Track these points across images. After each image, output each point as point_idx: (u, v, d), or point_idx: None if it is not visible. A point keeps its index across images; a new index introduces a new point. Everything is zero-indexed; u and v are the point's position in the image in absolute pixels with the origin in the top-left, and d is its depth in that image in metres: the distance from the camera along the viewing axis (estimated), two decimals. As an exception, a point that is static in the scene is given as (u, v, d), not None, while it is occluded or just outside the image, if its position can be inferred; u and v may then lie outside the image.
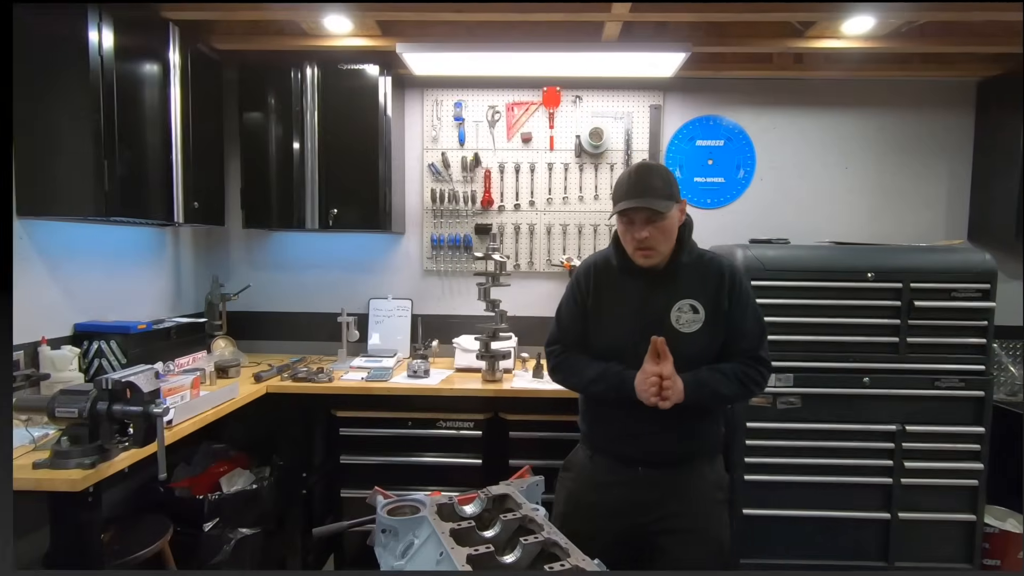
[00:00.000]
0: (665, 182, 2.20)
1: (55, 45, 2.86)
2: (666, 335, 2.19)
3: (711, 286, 2.29)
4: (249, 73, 3.98)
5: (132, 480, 3.28)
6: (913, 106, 4.29)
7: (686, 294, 2.28)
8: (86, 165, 2.88)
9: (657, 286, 2.30)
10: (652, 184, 2.18)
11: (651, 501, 2.30)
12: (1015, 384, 4.09)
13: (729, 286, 2.29)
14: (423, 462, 3.65)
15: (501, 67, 3.90)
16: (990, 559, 3.63)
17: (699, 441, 2.34)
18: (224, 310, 4.20)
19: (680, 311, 2.27)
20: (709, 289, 2.29)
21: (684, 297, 2.27)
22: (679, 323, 2.27)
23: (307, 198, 3.94)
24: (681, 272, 2.30)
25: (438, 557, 1.41)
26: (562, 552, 1.41)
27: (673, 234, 2.25)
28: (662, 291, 2.30)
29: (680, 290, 2.29)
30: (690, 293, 2.28)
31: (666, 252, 2.26)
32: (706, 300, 2.28)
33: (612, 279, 2.38)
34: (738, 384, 2.26)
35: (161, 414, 2.33)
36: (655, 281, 2.31)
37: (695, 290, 2.29)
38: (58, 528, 2.43)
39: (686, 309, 2.27)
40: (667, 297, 2.28)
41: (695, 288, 2.29)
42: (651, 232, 2.17)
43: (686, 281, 2.30)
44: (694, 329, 2.27)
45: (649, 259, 2.24)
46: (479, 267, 3.86)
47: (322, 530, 1.75)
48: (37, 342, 2.99)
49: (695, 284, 2.30)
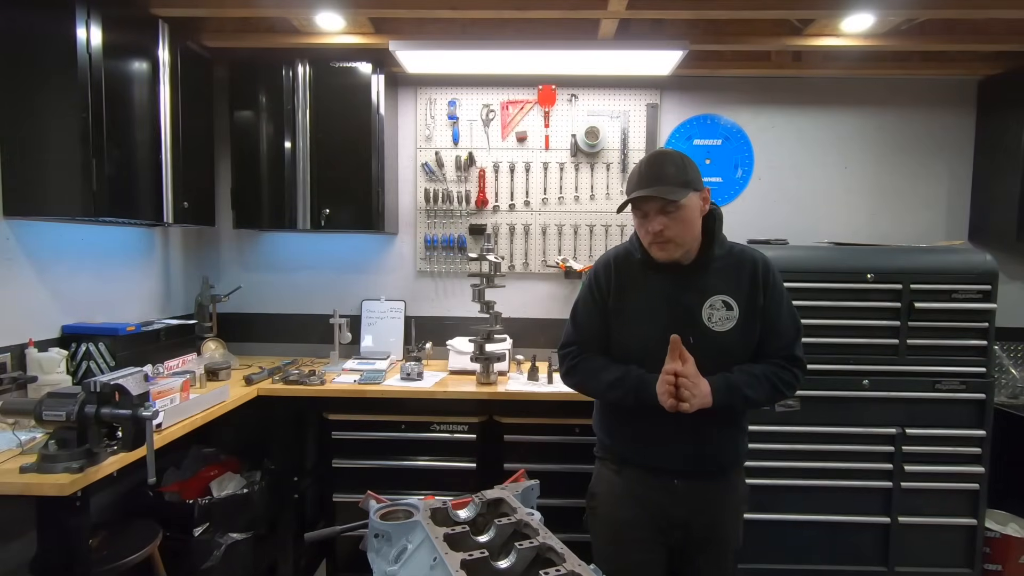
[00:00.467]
0: (680, 169, 2.06)
1: (42, 42, 2.82)
2: (698, 335, 2.10)
3: (745, 281, 2.17)
4: (240, 71, 3.95)
5: (121, 484, 3.25)
6: (913, 105, 4.27)
7: (719, 290, 2.15)
8: (74, 165, 2.85)
9: (687, 281, 2.16)
10: (664, 172, 2.05)
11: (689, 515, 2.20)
12: (1016, 386, 4.06)
13: (763, 280, 2.17)
14: (416, 466, 3.61)
15: (496, 65, 3.85)
16: (991, 564, 3.60)
17: (733, 450, 2.24)
18: (214, 312, 4.15)
19: (713, 308, 2.14)
20: (743, 284, 2.16)
21: (717, 293, 2.14)
22: (712, 321, 2.13)
23: (299, 198, 3.89)
24: (712, 266, 2.16)
25: (432, 562, 1.38)
26: (557, 557, 1.37)
27: (694, 224, 2.11)
28: (692, 287, 2.16)
29: (712, 285, 2.15)
30: (723, 289, 2.15)
31: (688, 244, 2.12)
32: (740, 296, 2.15)
33: (636, 274, 2.23)
34: (770, 387, 2.14)
35: (150, 417, 2.30)
36: (684, 276, 2.17)
37: (728, 285, 2.16)
38: (45, 533, 2.42)
39: (719, 306, 2.14)
40: (698, 293, 2.15)
41: (728, 283, 2.16)
42: (666, 223, 2.05)
43: (718, 276, 2.16)
44: (728, 327, 2.14)
45: (666, 252, 2.11)
46: (473, 268, 3.84)
47: (314, 535, 1.71)
48: (24, 344, 2.95)
49: (728, 279, 2.17)
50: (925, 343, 3.42)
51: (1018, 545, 3.57)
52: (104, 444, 2.36)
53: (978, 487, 3.45)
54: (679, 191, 2.03)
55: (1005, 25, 3.58)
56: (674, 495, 2.19)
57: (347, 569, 3.76)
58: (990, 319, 3.40)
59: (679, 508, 2.19)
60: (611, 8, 3.16)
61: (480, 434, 3.59)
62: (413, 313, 4.42)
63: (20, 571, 2.78)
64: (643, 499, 2.22)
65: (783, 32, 3.65)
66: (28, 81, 2.82)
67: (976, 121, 4.26)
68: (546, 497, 1.69)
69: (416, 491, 3.38)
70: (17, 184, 2.87)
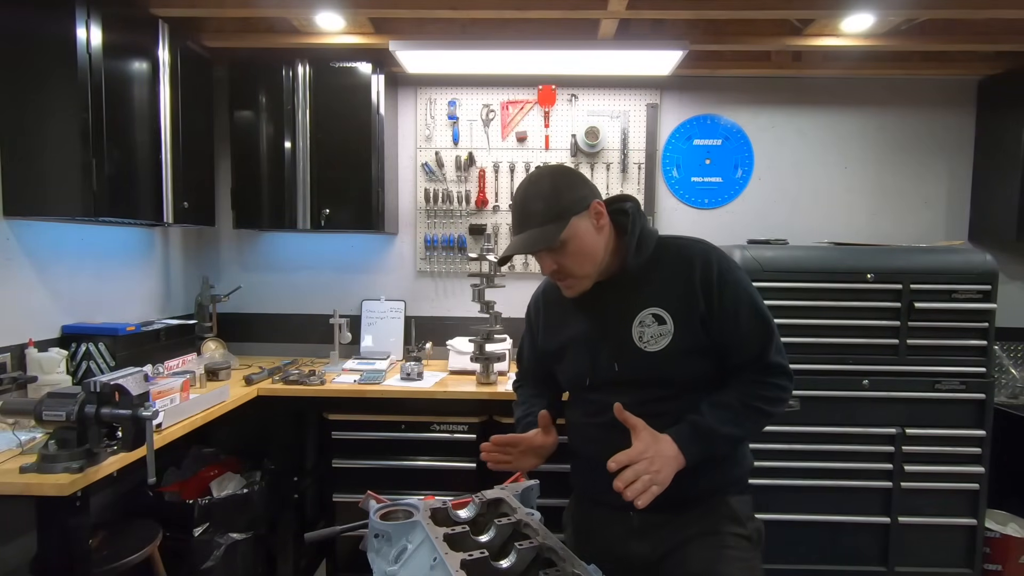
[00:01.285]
0: (549, 200, 1.76)
1: (42, 42, 2.82)
2: (631, 359, 1.82)
3: (679, 285, 1.81)
4: (240, 71, 3.94)
5: (121, 484, 3.24)
6: (913, 105, 4.27)
7: (648, 302, 1.82)
8: (74, 164, 2.84)
9: (612, 299, 1.87)
10: (530, 212, 1.77)
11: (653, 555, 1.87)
12: (1016, 386, 4.06)
13: (704, 280, 1.80)
14: (416, 466, 3.61)
15: (496, 65, 3.85)
16: (991, 564, 3.60)
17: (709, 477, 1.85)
18: (214, 312, 4.15)
19: (643, 325, 1.81)
20: (677, 289, 1.81)
21: (646, 306, 1.82)
22: (643, 341, 1.81)
23: (299, 198, 3.89)
24: (641, 276, 1.85)
25: (432, 562, 1.37)
26: (558, 557, 1.37)
27: (590, 251, 1.81)
28: (619, 304, 1.86)
29: (641, 298, 1.83)
30: (653, 300, 1.82)
31: (593, 272, 1.84)
32: (673, 305, 1.81)
33: (563, 303, 1.98)
34: (754, 413, 1.80)
35: (150, 417, 2.29)
36: (609, 293, 1.88)
37: (659, 295, 1.82)
38: (45, 533, 2.42)
39: (649, 321, 1.81)
40: (626, 310, 1.84)
41: (659, 292, 1.82)
42: (557, 261, 1.81)
43: (648, 285, 1.84)
44: (663, 345, 1.79)
45: (574, 289, 1.87)
46: (473, 268, 3.84)
47: (314, 535, 1.70)
48: (24, 344, 2.95)
49: (658, 287, 1.83)
50: (925, 343, 3.41)
51: (1018, 545, 3.57)
52: (104, 444, 2.35)
53: (978, 487, 3.45)
54: (551, 228, 1.74)
55: (1005, 25, 3.57)
56: (631, 530, 1.89)
57: (347, 569, 3.75)
58: (990, 319, 3.39)
59: (642, 545, 1.88)
60: (611, 8, 3.16)
61: (480, 434, 3.58)
62: (413, 313, 4.41)
63: (20, 571, 2.78)
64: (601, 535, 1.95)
65: (783, 32, 3.65)
66: (28, 81, 2.82)
67: (976, 121, 4.26)
68: (546, 497, 1.68)
69: (416, 491, 3.38)
70: (17, 184, 2.87)
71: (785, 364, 1.85)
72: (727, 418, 1.77)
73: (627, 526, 1.89)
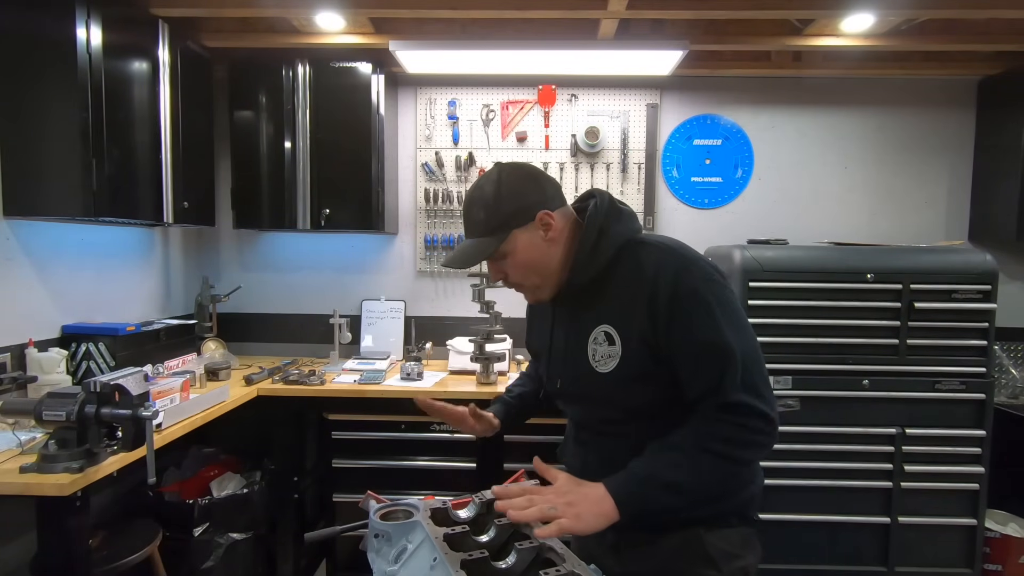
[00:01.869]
0: (491, 209, 1.63)
1: (42, 42, 2.82)
2: (580, 377, 1.68)
3: (629, 301, 1.60)
4: (240, 71, 3.94)
5: (121, 484, 3.24)
6: (913, 105, 4.27)
7: (602, 317, 1.64)
8: (74, 164, 2.84)
9: (575, 311, 1.72)
10: (472, 220, 1.68)
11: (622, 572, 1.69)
12: (1016, 386, 4.06)
13: (651, 297, 1.55)
14: (416, 466, 3.61)
15: (496, 65, 3.85)
16: (991, 564, 3.60)
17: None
18: (214, 312, 4.15)
19: (596, 343, 1.64)
20: (627, 306, 1.60)
21: (600, 322, 1.64)
22: (595, 359, 1.64)
23: (299, 198, 3.89)
24: (596, 289, 1.67)
25: (432, 562, 1.37)
26: (557, 557, 1.37)
27: (539, 262, 1.67)
28: (578, 316, 1.71)
29: (596, 312, 1.66)
30: (605, 316, 1.63)
31: (548, 281, 1.70)
32: (623, 324, 1.60)
33: (544, 308, 1.86)
34: (709, 459, 1.48)
35: (150, 417, 2.29)
36: (571, 303, 1.74)
37: (612, 311, 1.63)
38: (45, 533, 2.40)
39: (601, 339, 1.63)
40: (583, 324, 1.69)
41: (613, 308, 1.63)
42: (507, 271, 1.70)
43: (603, 300, 1.66)
44: (611, 368, 1.61)
45: (532, 297, 1.78)
46: (473, 268, 3.82)
47: (314, 535, 1.70)
48: (24, 344, 2.95)
49: (613, 302, 1.64)
50: (925, 343, 3.41)
51: (1018, 545, 3.57)
52: (104, 444, 2.35)
53: (978, 487, 3.45)
54: (487, 242, 1.65)
55: (1005, 25, 3.58)
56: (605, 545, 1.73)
57: (347, 569, 3.76)
58: (990, 319, 3.39)
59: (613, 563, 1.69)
60: (611, 8, 3.16)
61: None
62: (413, 313, 4.41)
63: (20, 571, 2.78)
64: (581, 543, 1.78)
65: (783, 32, 3.65)
66: (28, 81, 2.82)
67: (976, 121, 4.26)
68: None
69: (416, 491, 3.38)
70: (17, 184, 2.87)
71: (753, 403, 1.49)
72: (672, 462, 1.49)
73: (601, 539, 1.68)
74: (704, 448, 1.48)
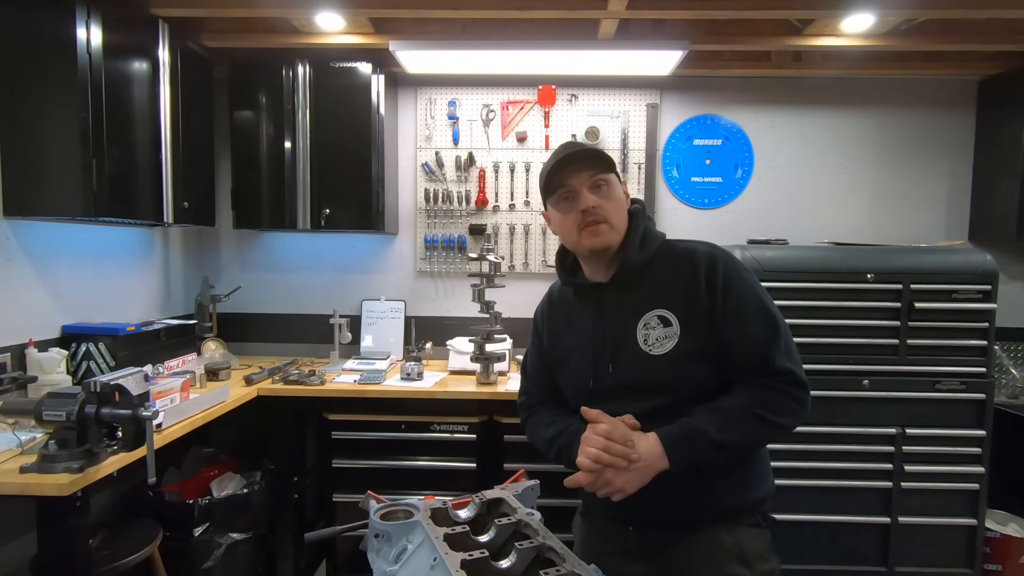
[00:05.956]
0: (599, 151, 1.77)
1: (42, 42, 2.82)
2: (636, 363, 1.72)
3: (682, 283, 1.72)
4: (240, 71, 3.94)
5: (121, 484, 3.25)
6: (913, 105, 4.27)
7: (654, 303, 1.72)
8: (74, 164, 2.84)
9: (615, 300, 1.79)
10: (585, 148, 1.76)
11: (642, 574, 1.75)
12: (1016, 386, 4.06)
13: (708, 276, 1.70)
14: (416, 466, 3.61)
15: (496, 65, 3.85)
16: (991, 564, 3.59)
17: (716, 497, 1.73)
18: (214, 312, 4.15)
19: (648, 327, 1.71)
20: (680, 288, 1.72)
21: (652, 308, 1.72)
22: (648, 343, 1.71)
23: (299, 198, 3.89)
24: (645, 275, 1.76)
25: (432, 562, 1.37)
26: (558, 557, 1.37)
27: (624, 209, 1.78)
28: (623, 305, 1.77)
29: (646, 299, 1.74)
30: (659, 301, 1.72)
31: (621, 230, 1.76)
32: (678, 305, 1.71)
33: (566, 306, 1.92)
34: (753, 421, 1.64)
35: (150, 417, 2.29)
36: (614, 295, 1.79)
37: (665, 295, 1.72)
38: (45, 533, 2.40)
39: (655, 323, 1.71)
40: (631, 312, 1.75)
41: (664, 292, 1.73)
42: (602, 200, 1.73)
43: (653, 286, 1.75)
44: (668, 348, 1.69)
45: (600, 237, 1.73)
46: (473, 268, 3.84)
47: (314, 535, 1.70)
48: (24, 344, 2.95)
49: (663, 287, 1.74)
50: (925, 343, 3.41)
51: (1018, 545, 3.56)
52: (104, 444, 2.35)
53: (978, 487, 3.45)
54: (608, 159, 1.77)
55: (1005, 25, 3.57)
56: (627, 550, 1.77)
57: (347, 569, 3.75)
58: (990, 319, 3.39)
59: (637, 568, 1.75)
60: (611, 8, 3.16)
61: (480, 434, 3.59)
62: (413, 313, 4.41)
63: (20, 571, 2.78)
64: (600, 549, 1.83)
65: (783, 32, 3.65)
66: (28, 81, 2.82)
67: (976, 121, 4.26)
68: (546, 497, 1.68)
69: (416, 491, 3.38)
70: (17, 184, 2.87)
71: (796, 371, 1.68)
72: (721, 423, 1.61)
73: (625, 543, 1.78)
74: (751, 412, 1.64)
